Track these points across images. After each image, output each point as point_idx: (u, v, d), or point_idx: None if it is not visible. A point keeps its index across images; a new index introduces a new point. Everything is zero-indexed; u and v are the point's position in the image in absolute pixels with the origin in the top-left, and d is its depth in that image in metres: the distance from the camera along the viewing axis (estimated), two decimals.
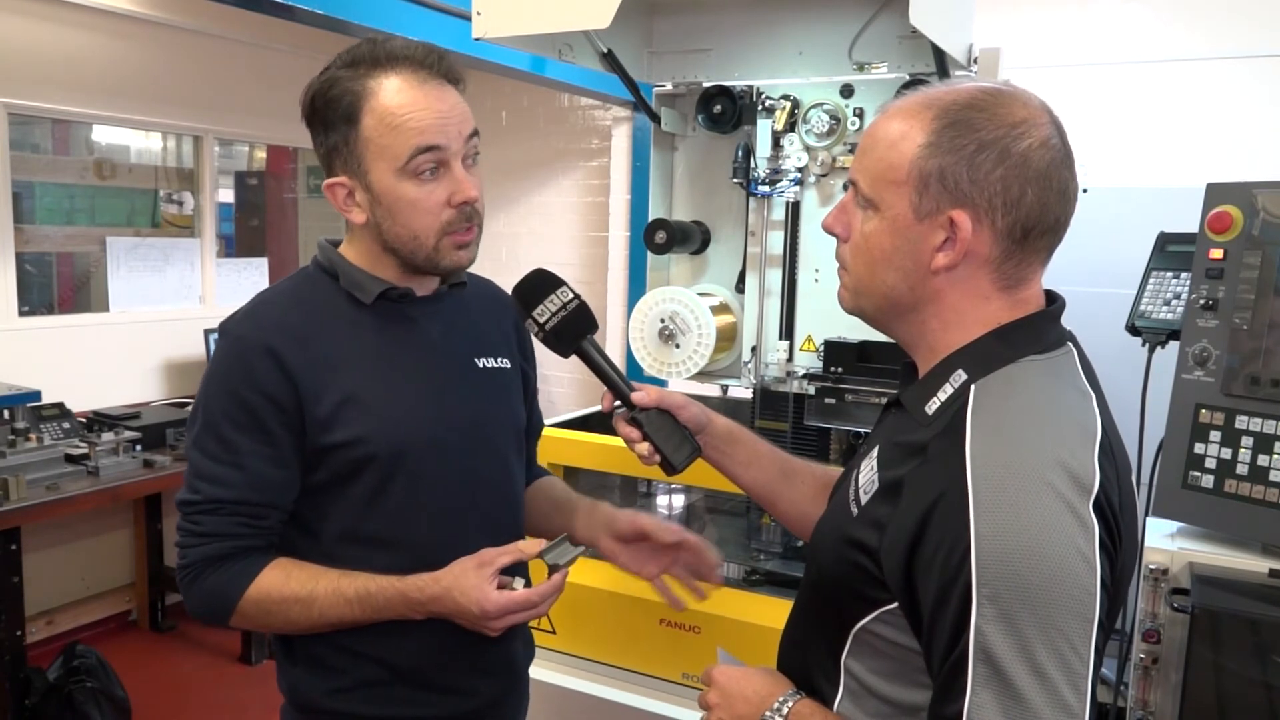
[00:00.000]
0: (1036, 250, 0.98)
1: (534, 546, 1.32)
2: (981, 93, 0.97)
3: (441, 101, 1.27)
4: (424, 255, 1.31)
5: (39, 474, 3.23)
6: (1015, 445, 0.90)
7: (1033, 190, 0.94)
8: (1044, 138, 0.95)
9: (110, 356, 4.18)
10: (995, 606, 0.84)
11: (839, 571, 1.03)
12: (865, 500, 1.02)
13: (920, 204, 0.97)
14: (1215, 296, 1.92)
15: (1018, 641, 0.84)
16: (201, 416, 1.28)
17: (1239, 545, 1.86)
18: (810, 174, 2.27)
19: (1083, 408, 0.96)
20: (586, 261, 5.26)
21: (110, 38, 4.07)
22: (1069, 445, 0.90)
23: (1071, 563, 0.85)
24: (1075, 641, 0.84)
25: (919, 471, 0.95)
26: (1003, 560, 0.85)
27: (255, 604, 1.27)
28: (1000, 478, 0.88)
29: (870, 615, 0.99)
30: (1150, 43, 3.55)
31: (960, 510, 0.87)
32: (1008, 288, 1.00)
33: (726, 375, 2.46)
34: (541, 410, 1.69)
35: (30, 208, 4.06)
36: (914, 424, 1.01)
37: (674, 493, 2.57)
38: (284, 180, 5.31)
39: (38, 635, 3.78)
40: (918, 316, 1.03)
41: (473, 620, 1.26)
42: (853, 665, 1.03)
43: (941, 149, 0.96)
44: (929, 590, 0.89)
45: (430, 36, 3.03)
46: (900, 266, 1.00)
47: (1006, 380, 0.96)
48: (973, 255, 0.97)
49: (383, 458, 1.29)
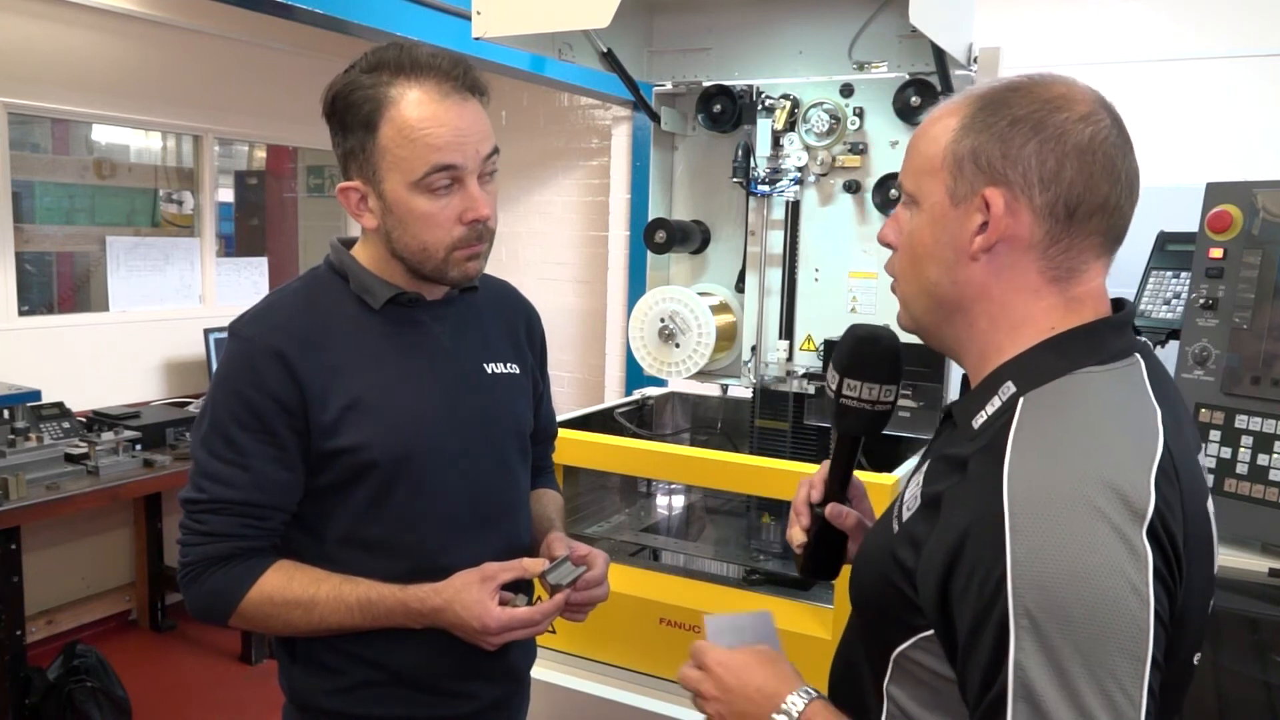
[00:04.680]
0: (1087, 234, 0.90)
1: (537, 565, 1.33)
2: (1023, 78, 0.93)
3: (461, 118, 1.25)
4: (431, 266, 1.31)
5: (39, 473, 3.22)
6: (1058, 463, 0.82)
7: (1073, 164, 0.88)
8: (1085, 113, 0.89)
9: (110, 356, 4.18)
10: (1035, 639, 0.77)
11: (879, 592, 0.97)
12: (907, 516, 0.96)
13: (956, 188, 0.93)
14: (1215, 296, 1.92)
15: (1061, 679, 0.76)
16: (209, 416, 1.29)
17: (1239, 544, 1.86)
18: (810, 173, 2.27)
19: (1142, 423, 0.86)
20: (586, 261, 5.26)
21: (110, 37, 4.07)
22: (1119, 464, 0.81)
23: (1118, 593, 0.77)
24: (1125, 682, 0.76)
25: (958, 489, 0.88)
26: (1042, 589, 0.77)
27: (256, 606, 1.27)
28: (1039, 499, 0.80)
29: (908, 641, 0.93)
30: (1150, 42, 3.55)
31: (996, 533, 0.80)
32: (1058, 279, 0.92)
33: (726, 374, 2.46)
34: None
35: (30, 207, 4.06)
36: (963, 439, 0.93)
37: (674, 493, 2.57)
38: (284, 180, 5.31)
39: (38, 635, 3.77)
40: (965, 318, 0.96)
41: (471, 634, 1.27)
42: (894, 692, 0.97)
43: (974, 129, 0.92)
44: (964, 618, 0.83)
45: (430, 36, 3.04)
46: (941, 259, 0.95)
47: (1058, 393, 0.88)
48: (1013, 239, 0.91)
49: (386, 464, 1.29)
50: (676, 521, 2.54)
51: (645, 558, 2.30)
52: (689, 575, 2.09)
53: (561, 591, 1.32)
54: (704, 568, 2.21)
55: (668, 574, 2.08)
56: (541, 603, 1.31)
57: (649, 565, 2.22)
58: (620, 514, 2.47)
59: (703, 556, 2.26)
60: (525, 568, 1.32)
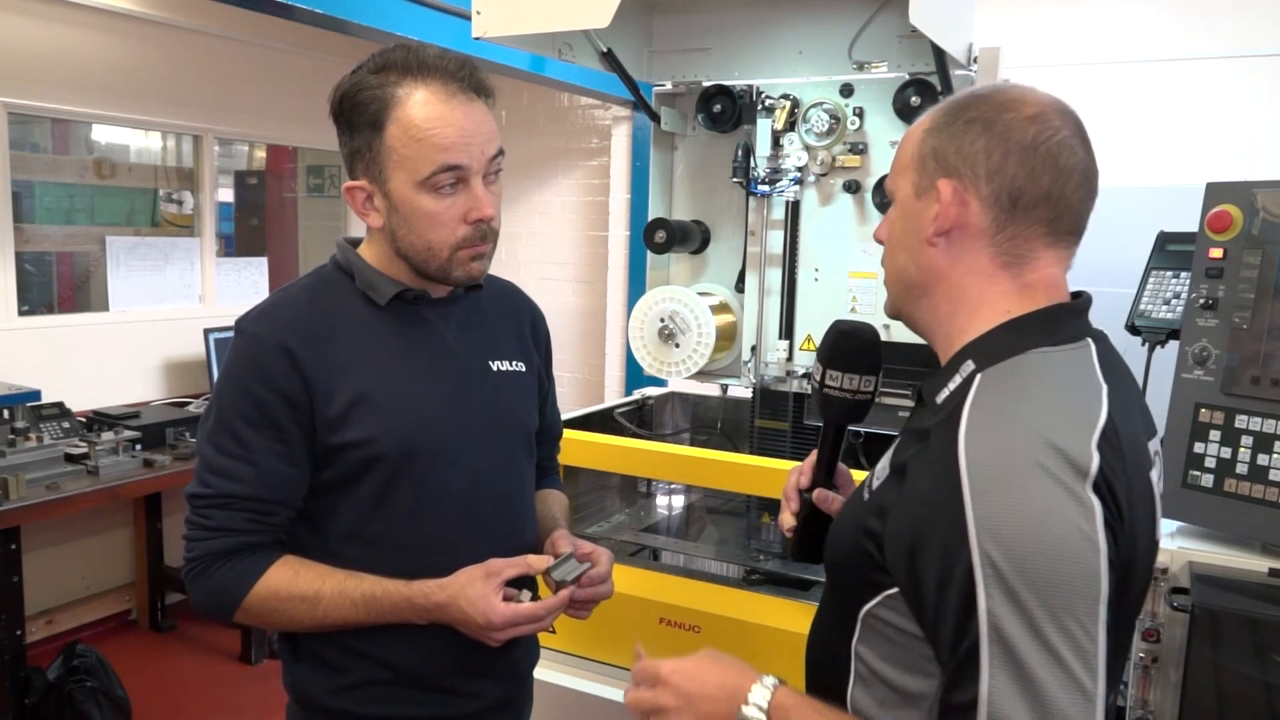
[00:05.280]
0: (1031, 222, 0.99)
1: (542, 562, 1.34)
2: (989, 86, 1.04)
3: (468, 119, 1.27)
4: (436, 266, 1.32)
5: (39, 473, 3.22)
6: (1007, 429, 0.91)
7: (1015, 158, 0.98)
8: (1032, 114, 0.98)
9: (110, 356, 4.18)
10: (1001, 588, 0.85)
11: (849, 555, 1.05)
12: (876, 486, 1.05)
13: (919, 183, 1.04)
14: (1215, 296, 1.92)
15: (1027, 621, 0.84)
16: (215, 412, 1.29)
17: (1238, 544, 1.86)
18: (810, 173, 2.27)
19: (1088, 397, 0.95)
20: (586, 261, 5.26)
21: (110, 37, 4.07)
22: (1062, 429, 0.90)
23: (1073, 541, 0.85)
24: (1085, 621, 0.84)
25: (920, 458, 0.97)
26: (1003, 542, 0.85)
27: (261, 601, 1.27)
28: (992, 461, 0.89)
29: (875, 599, 1.00)
30: (1150, 42, 3.54)
31: (955, 495, 0.88)
32: (1008, 265, 1.01)
33: (726, 374, 2.46)
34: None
35: (30, 207, 4.06)
36: (927, 413, 1.03)
37: (674, 493, 2.57)
38: (284, 179, 5.31)
39: (38, 635, 3.77)
40: (930, 300, 1.06)
41: (476, 630, 1.27)
42: (863, 651, 1.04)
43: (937, 131, 1.03)
44: (930, 577, 0.90)
45: (430, 36, 3.03)
46: (908, 246, 1.06)
47: (1011, 369, 0.97)
48: (965, 226, 1.01)
49: (391, 459, 1.30)
50: (676, 521, 2.54)
51: (645, 558, 2.30)
52: (689, 575, 2.09)
53: (566, 588, 1.32)
54: (704, 568, 2.21)
55: (668, 574, 2.08)
56: (546, 598, 1.31)
57: (649, 565, 2.22)
58: (620, 514, 2.48)
59: (703, 556, 2.26)
60: (530, 564, 1.33)
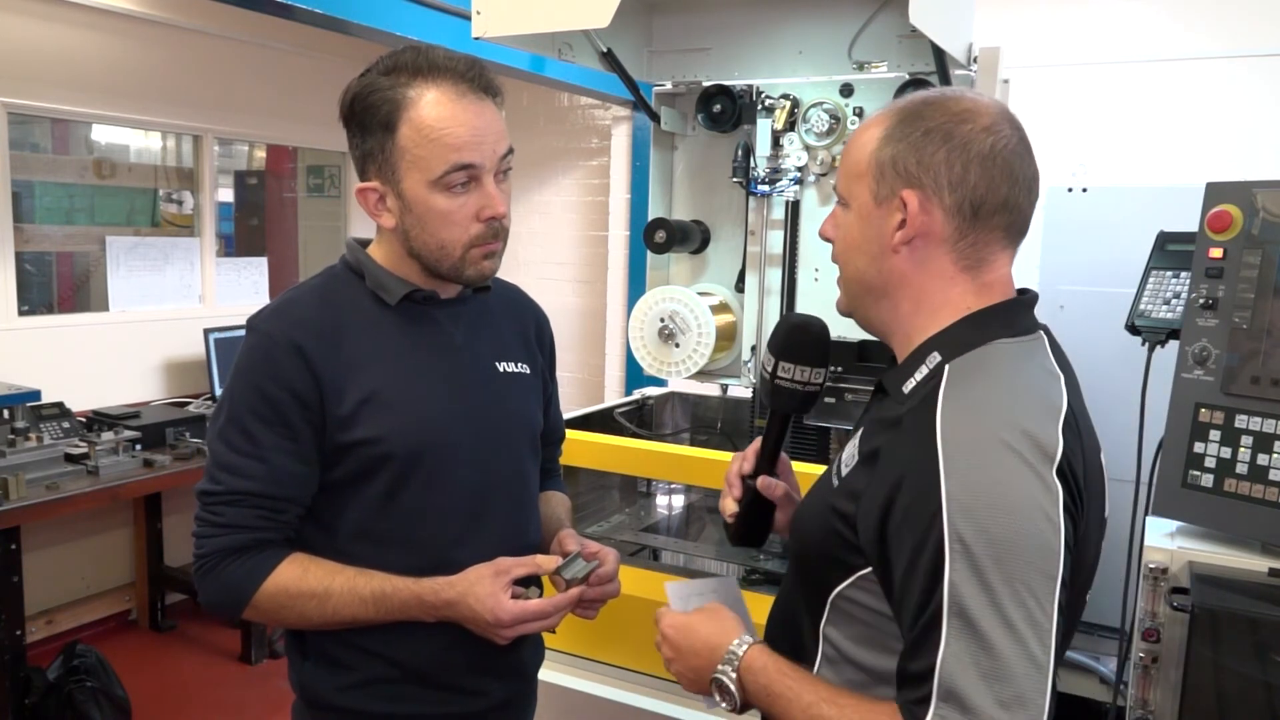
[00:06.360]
0: (991, 229, 1.04)
1: (551, 562, 1.35)
2: (936, 93, 1.08)
3: (479, 118, 1.28)
4: (449, 265, 1.32)
5: (39, 473, 3.22)
6: (983, 414, 0.96)
7: (977, 169, 1.02)
8: (987, 125, 1.02)
9: (110, 356, 4.18)
10: (966, 561, 0.89)
11: (819, 540, 1.08)
12: (846, 472, 1.09)
13: (879, 190, 1.06)
14: (1215, 296, 1.92)
15: (988, 594, 0.88)
16: (226, 409, 1.30)
17: (1238, 544, 1.86)
18: (810, 173, 2.27)
19: (1049, 385, 1.02)
20: (586, 261, 5.26)
21: (110, 37, 4.07)
22: (1032, 415, 0.96)
23: (1036, 521, 0.90)
24: (1040, 596, 0.89)
25: (893, 441, 1.02)
26: (972, 517, 0.90)
27: (270, 597, 1.28)
28: (968, 442, 0.94)
29: (847, 581, 1.04)
30: (1150, 42, 3.54)
31: (931, 473, 0.93)
32: (969, 268, 1.06)
33: (726, 374, 2.46)
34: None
35: (30, 207, 4.06)
36: (893, 404, 1.07)
37: (674, 493, 2.57)
38: (284, 179, 5.31)
39: (38, 635, 3.77)
40: (890, 302, 1.10)
41: (484, 627, 1.28)
42: (830, 633, 1.08)
43: (894, 139, 1.05)
44: (902, 551, 0.94)
45: (430, 36, 3.03)
46: (867, 251, 1.09)
47: (978, 359, 1.02)
48: (929, 234, 1.04)
49: (400, 457, 1.31)
50: (676, 521, 2.54)
51: (645, 558, 2.30)
52: (689, 575, 2.09)
53: (576, 586, 1.33)
54: (704, 567, 2.21)
55: (668, 574, 2.08)
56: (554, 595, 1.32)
57: (649, 565, 2.22)
58: (620, 514, 2.47)
59: (703, 556, 2.26)
60: (539, 563, 1.34)
